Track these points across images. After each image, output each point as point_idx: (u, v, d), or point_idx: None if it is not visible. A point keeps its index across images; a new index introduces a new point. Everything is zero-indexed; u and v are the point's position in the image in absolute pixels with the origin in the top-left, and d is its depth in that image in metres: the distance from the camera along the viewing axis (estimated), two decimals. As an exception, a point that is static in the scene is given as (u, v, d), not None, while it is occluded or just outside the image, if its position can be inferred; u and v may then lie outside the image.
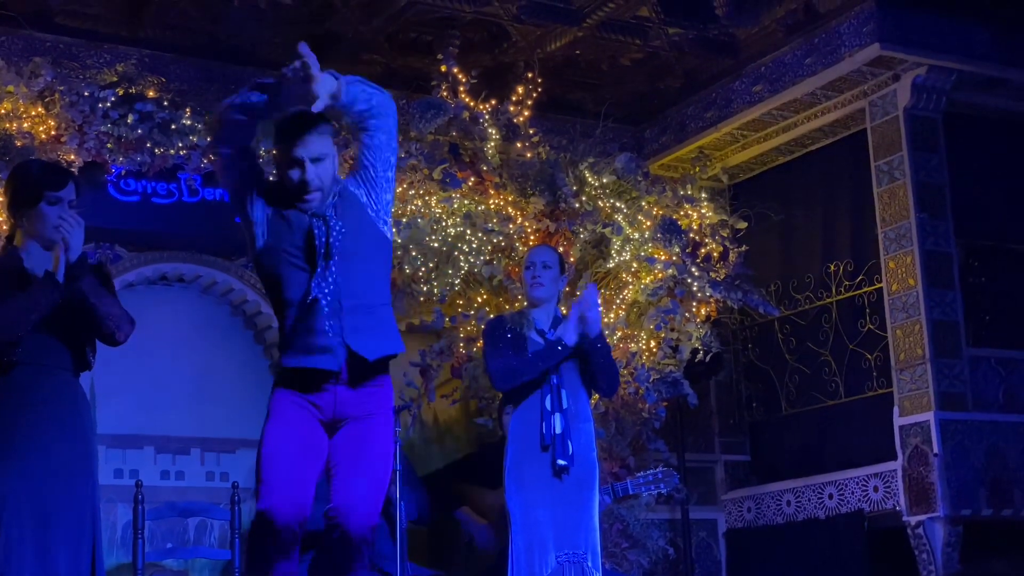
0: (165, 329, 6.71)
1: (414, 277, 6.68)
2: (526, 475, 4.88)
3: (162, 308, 6.74)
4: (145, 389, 6.51)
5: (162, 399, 6.41)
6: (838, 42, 6.75)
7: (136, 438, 6.59)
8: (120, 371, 6.54)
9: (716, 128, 7.48)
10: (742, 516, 7.59)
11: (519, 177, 6.90)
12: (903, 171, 6.78)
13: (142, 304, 6.71)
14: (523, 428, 4.94)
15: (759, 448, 7.80)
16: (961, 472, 6.44)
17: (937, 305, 6.67)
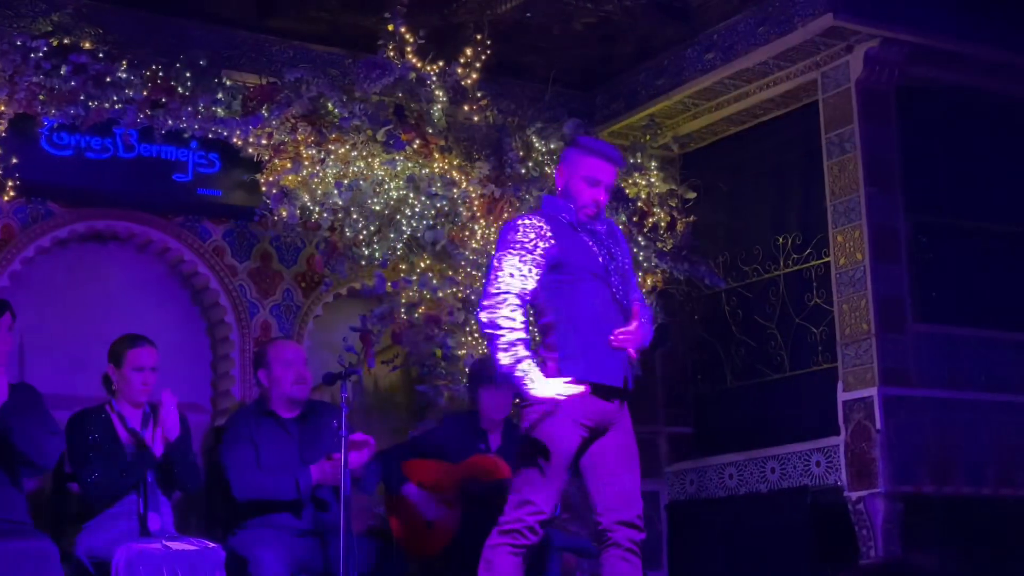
0: (98, 288, 6.56)
1: (355, 241, 6.57)
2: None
3: (95, 266, 6.59)
4: (77, 348, 6.36)
5: (95, 358, 6.25)
6: (791, 11, 6.66)
7: (67, 398, 6.43)
8: (51, 330, 6.40)
9: (667, 96, 7.38)
10: (684, 489, 7.55)
11: (465, 141, 6.79)
12: (854, 144, 6.71)
13: (75, 262, 6.57)
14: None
15: (703, 420, 7.76)
16: (903, 448, 6.41)
17: (883, 280, 6.62)
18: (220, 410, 6.65)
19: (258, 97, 6.44)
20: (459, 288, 6.66)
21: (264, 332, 6.76)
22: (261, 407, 5.61)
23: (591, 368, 4.35)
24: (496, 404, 5.92)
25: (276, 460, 5.41)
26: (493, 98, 7.00)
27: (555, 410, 4.27)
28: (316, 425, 5.54)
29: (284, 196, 6.44)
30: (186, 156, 6.51)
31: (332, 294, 7.02)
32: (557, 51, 7.29)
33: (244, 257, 6.85)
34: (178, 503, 5.60)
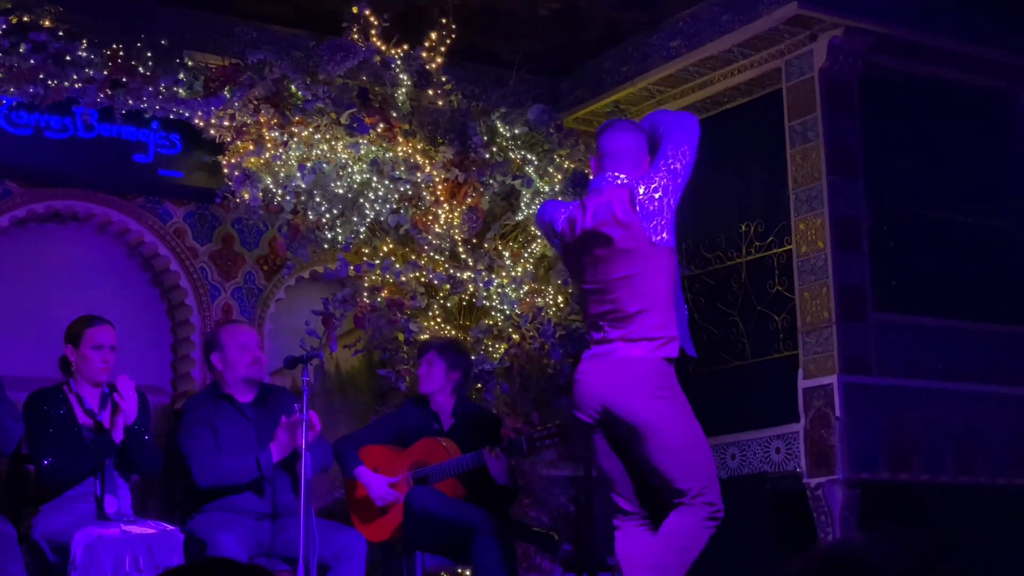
0: (57, 268, 6.51)
1: (318, 224, 6.55)
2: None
3: (54, 246, 6.54)
4: (36, 329, 6.31)
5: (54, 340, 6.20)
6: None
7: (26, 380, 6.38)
8: (10, 310, 6.35)
9: (632, 83, 7.38)
10: (645, 475, 7.56)
11: (429, 125, 6.78)
12: (816, 132, 6.73)
13: (33, 242, 6.52)
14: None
15: (664, 407, 7.76)
16: (862, 436, 6.44)
17: (845, 269, 6.65)
18: (180, 393, 6.62)
19: (221, 78, 6.40)
20: (422, 272, 6.65)
21: (226, 315, 6.73)
22: (216, 391, 5.56)
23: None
24: (420, 375, 5.94)
25: (235, 443, 5.38)
26: (458, 82, 7.00)
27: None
28: (274, 409, 5.51)
29: (246, 178, 6.41)
30: (147, 137, 6.46)
31: (294, 277, 6.99)
32: (522, 36, 7.28)
33: (205, 239, 6.81)
34: (136, 486, 5.56)
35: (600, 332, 4.41)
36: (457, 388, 6.02)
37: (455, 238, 6.69)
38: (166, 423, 6.33)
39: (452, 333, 6.68)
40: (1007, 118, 7.51)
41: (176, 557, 4.96)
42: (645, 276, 4.34)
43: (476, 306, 6.78)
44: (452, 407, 6.00)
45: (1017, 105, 7.50)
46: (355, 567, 5.19)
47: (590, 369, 4.41)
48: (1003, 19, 7.11)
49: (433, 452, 5.78)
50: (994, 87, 7.42)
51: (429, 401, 6.00)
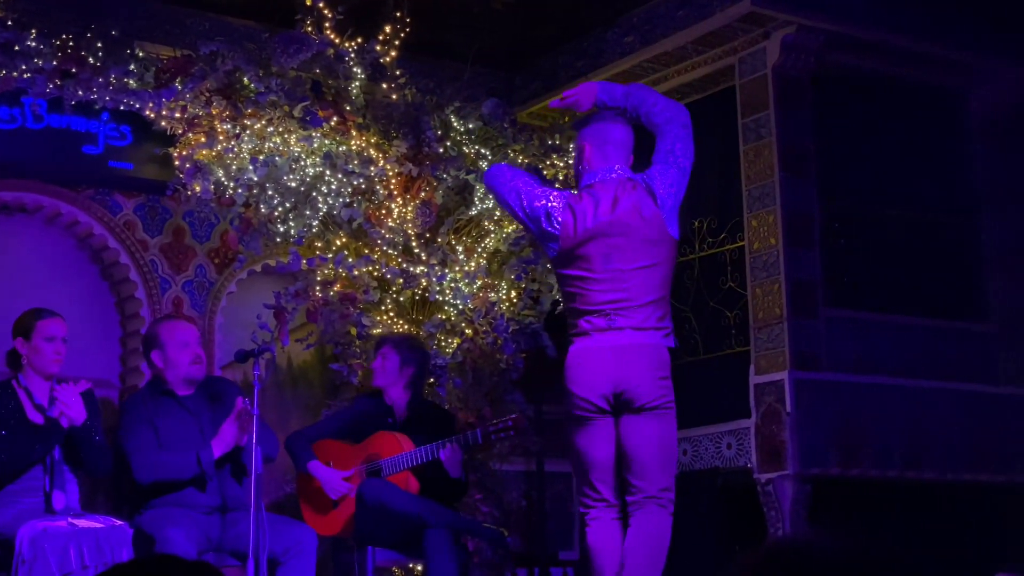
0: (4, 261, 6.43)
1: (271, 217, 6.51)
2: None
3: (2, 238, 6.46)
4: (-18, 322, 6.22)
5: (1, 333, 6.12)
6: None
7: (-28, 374, 6.31)
8: (-44, 303, 6.27)
9: (587, 78, 7.34)
10: (597, 470, 7.57)
11: (383, 119, 6.75)
12: (769, 129, 6.77)
13: (-20, 234, 6.44)
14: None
15: (617, 402, 7.78)
16: (812, 431, 6.49)
17: (796, 265, 6.69)
18: (129, 386, 6.56)
19: (172, 69, 6.34)
20: (375, 266, 6.62)
21: (176, 308, 6.68)
22: (158, 388, 5.49)
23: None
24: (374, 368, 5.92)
25: (177, 439, 5.33)
26: (412, 76, 6.97)
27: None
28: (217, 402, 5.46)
29: (198, 171, 6.36)
30: (97, 128, 6.40)
31: (246, 270, 6.95)
32: (477, 30, 7.26)
33: (156, 232, 6.76)
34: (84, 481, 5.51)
35: (605, 319, 4.45)
36: (411, 383, 6.00)
37: (408, 232, 6.67)
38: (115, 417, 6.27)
39: (405, 327, 6.66)
40: (958, 115, 7.59)
41: (124, 552, 4.91)
42: (659, 268, 4.48)
43: (429, 301, 6.77)
44: (406, 402, 5.98)
45: (968, 102, 7.58)
46: (305, 562, 5.15)
47: (601, 353, 4.44)
48: (954, 17, 7.18)
49: (387, 446, 5.76)
50: (945, 84, 7.49)
51: (383, 395, 5.98)
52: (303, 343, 6.83)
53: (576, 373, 4.46)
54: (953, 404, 6.99)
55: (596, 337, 4.47)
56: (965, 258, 7.48)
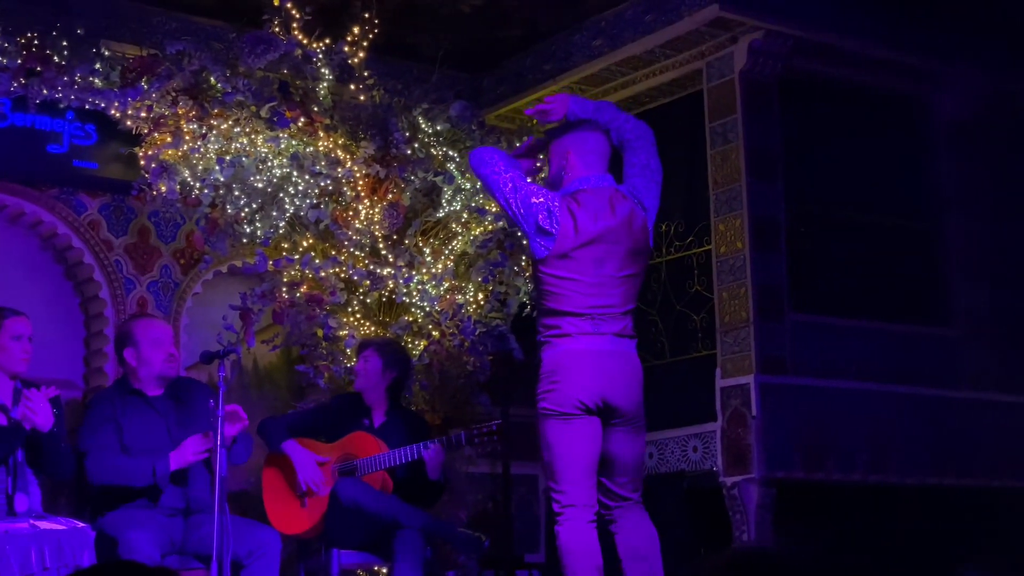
0: (-33, 260, 6.38)
1: (237, 218, 6.48)
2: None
3: (-36, 238, 6.41)
4: (-56, 323, 6.15)
5: (-37, 334, 6.07)
6: (678, 1, 6.70)
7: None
8: (-83, 303, 6.20)
9: (554, 81, 7.38)
10: (563, 473, 7.57)
11: (350, 120, 6.74)
12: (736, 134, 6.79)
13: (-58, 233, 6.38)
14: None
15: (584, 405, 7.78)
16: (777, 435, 6.51)
17: (763, 269, 6.71)
18: (92, 387, 6.51)
19: (138, 69, 6.30)
20: (342, 268, 6.60)
21: (140, 309, 6.64)
22: (126, 386, 5.46)
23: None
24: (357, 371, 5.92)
25: (144, 441, 5.29)
26: (380, 78, 6.96)
27: None
28: (187, 403, 5.43)
29: (163, 171, 6.32)
30: (61, 127, 6.35)
31: (212, 271, 6.92)
32: (445, 32, 7.25)
33: (121, 232, 6.71)
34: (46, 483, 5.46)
35: (591, 323, 4.53)
36: (392, 387, 6.01)
37: (375, 234, 6.65)
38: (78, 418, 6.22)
39: (372, 329, 6.64)
40: (922, 121, 7.63)
41: (86, 555, 4.87)
42: (640, 278, 4.68)
43: (396, 302, 6.76)
44: (385, 407, 5.98)
45: (932, 109, 7.63)
46: (269, 565, 5.13)
47: (592, 356, 4.53)
48: (919, 24, 7.23)
49: (363, 446, 5.75)
50: (911, 91, 7.53)
51: (363, 397, 5.97)
52: (269, 344, 6.80)
53: (568, 373, 4.51)
54: (916, 408, 7.03)
55: (582, 340, 4.53)
56: (929, 263, 7.53)
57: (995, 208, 7.70)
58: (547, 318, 4.61)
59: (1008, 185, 7.77)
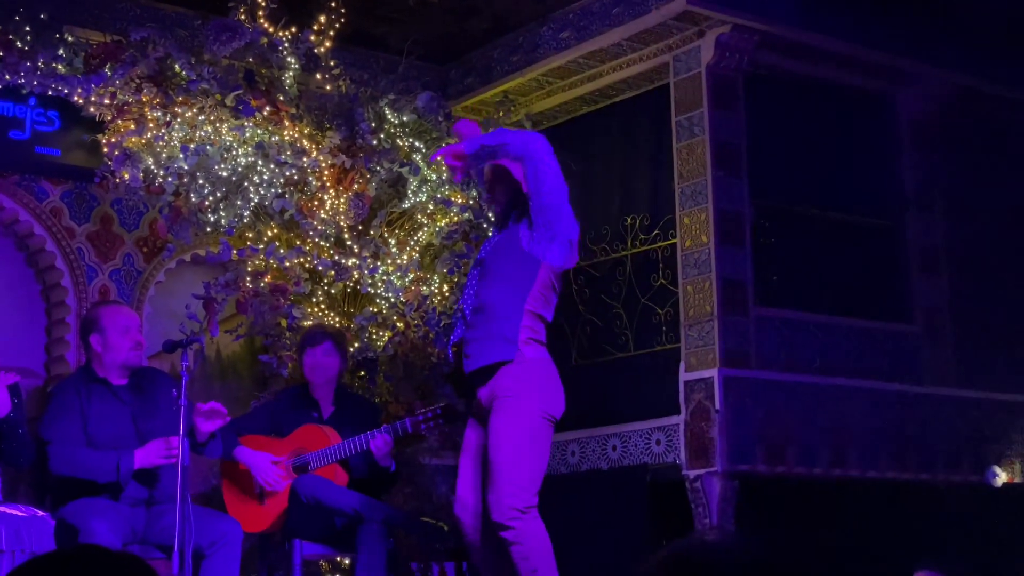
0: (-74, 247, 6.31)
1: (201, 206, 6.44)
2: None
3: (-76, 225, 6.34)
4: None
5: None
6: (647, -7, 6.73)
7: None
8: None
9: (521, 73, 7.38)
10: (527, 465, 7.57)
11: (316, 109, 6.71)
12: (702, 128, 6.81)
13: (-99, 219, 6.30)
14: None
15: (547, 398, 7.78)
16: (740, 429, 6.53)
17: (727, 263, 6.73)
18: (54, 375, 6.46)
19: (102, 55, 6.25)
20: (306, 258, 6.58)
21: (103, 297, 6.59)
22: (90, 374, 5.41)
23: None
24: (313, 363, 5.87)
25: (108, 431, 5.24)
26: (346, 67, 6.93)
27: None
28: (151, 393, 5.39)
29: (127, 158, 6.28)
30: (24, 113, 6.29)
31: (175, 260, 6.87)
32: (412, 23, 7.23)
33: (83, 219, 6.66)
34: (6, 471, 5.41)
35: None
36: (340, 376, 6.02)
37: (341, 224, 6.63)
38: (38, 407, 6.17)
39: (336, 320, 6.62)
40: (886, 118, 7.68)
41: (46, 543, 4.83)
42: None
43: (361, 293, 6.74)
44: (333, 395, 5.96)
45: (895, 106, 7.68)
46: (230, 555, 5.11)
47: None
48: (885, 22, 7.27)
49: (313, 439, 5.73)
50: (875, 88, 7.58)
51: (308, 389, 5.95)
52: (232, 334, 6.77)
53: (558, 382, 4.72)
54: (878, 403, 7.08)
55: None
56: (891, 259, 7.58)
57: (955, 206, 7.76)
58: (533, 321, 4.70)
59: (969, 183, 7.84)
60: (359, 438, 5.60)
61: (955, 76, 7.62)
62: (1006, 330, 7.86)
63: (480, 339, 4.65)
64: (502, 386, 4.59)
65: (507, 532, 4.47)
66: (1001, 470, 7.42)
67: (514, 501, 4.48)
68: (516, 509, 4.48)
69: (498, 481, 4.49)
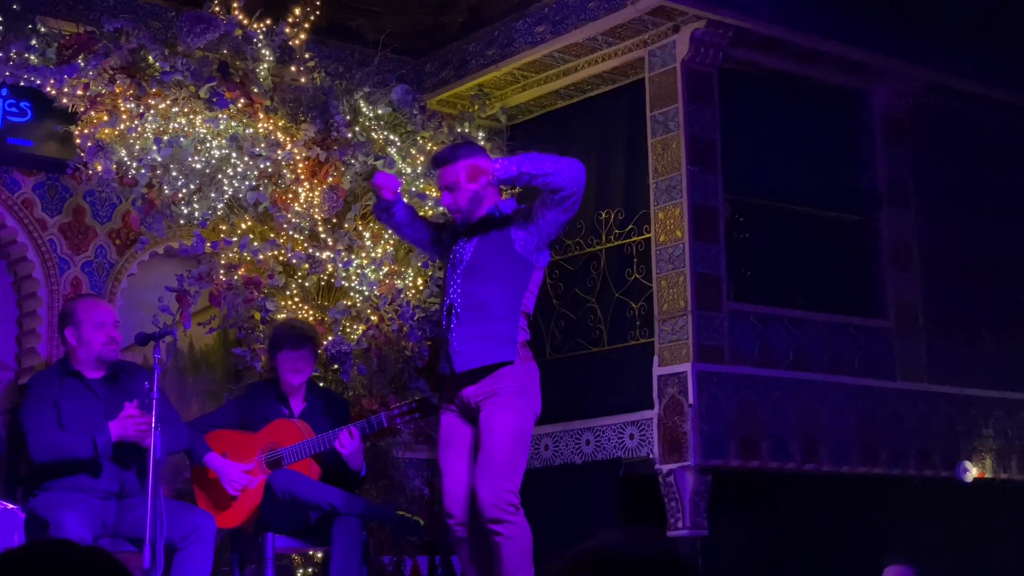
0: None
1: (174, 198, 6.41)
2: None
3: None
4: None
5: None
6: (622, -12, 6.73)
7: None
8: None
9: (497, 67, 7.38)
10: (500, 459, 7.57)
11: (291, 102, 6.69)
12: (677, 123, 6.82)
13: None
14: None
15: (521, 392, 7.78)
16: (713, 423, 6.56)
17: (702, 258, 6.75)
18: (25, 368, 6.42)
19: (75, 46, 6.21)
20: (280, 251, 6.56)
21: (75, 289, 6.55)
22: (65, 367, 5.40)
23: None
24: (293, 367, 5.84)
25: (80, 421, 5.23)
26: (321, 60, 6.91)
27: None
28: (125, 386, 5.37)
29: (100, 149, 6.24)
30: (-5, 103, 6.25)
31: (148, 252, 6.84)
32: (388, 16, 7.22)
33: (55, 211, 6.62)
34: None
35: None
36: None
37: (315, 217, 6.61)
38: (10, 398, 6.14)
39: (310, 313, 6.60)
40: (859, 114, 7.72)
41: (17, 536, 4.81)
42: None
43: (335, 286, 6.72)
44: (304, 391, 5.95)
45: (869, 101, 7.71)
46: (203, 548, 5.09)
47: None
48: (858, 18, 7.30)
49: (285, 434, 5.71)
50: (848, 84, 7.61)
51: (280, 384, 5.93)
52: (206, 327, 6.74)
53: (537, 384, 4.79)
54: (850, 398, 7.12)
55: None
56: (864, 254, 7.61)
57: (928, 201, 7.80)
58: (526, 322, 4.79)
59: (941, 178, 7.89)
60: (328, 435, 5.59)
61: (927, 72, 7.66)
62: (978, 325, 7.91)
63: (477, 338, 4.67)
64: (504, 385, 4.65)
65: (502, 527, 4.52)
66: (972, 465, 7.47)
67: (512, 497, 4.55)
68: (513, 505, 4.55)
69: (498, 477, 4.54)
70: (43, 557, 1.86)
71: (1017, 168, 8.23)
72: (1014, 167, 8.22)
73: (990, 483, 7.62)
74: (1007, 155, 8.22)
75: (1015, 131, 8.21)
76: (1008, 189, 8.20)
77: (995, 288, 8.05)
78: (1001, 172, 8.18)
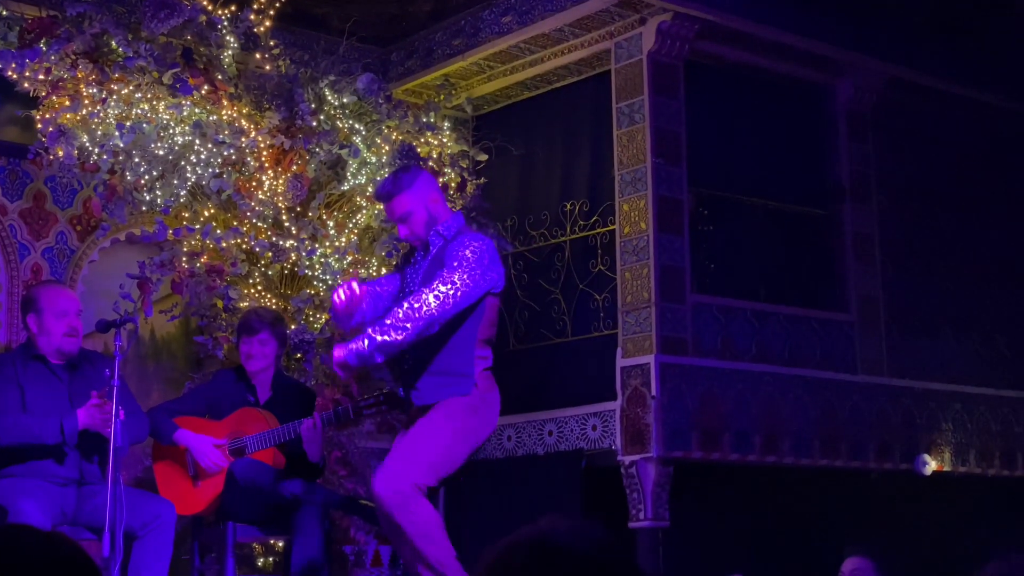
0: None
1: (136, 185, 6.36)
2: None
3: None
4: None
5: None
6: (588, -21, 6.73)
7: None
8: None
9: (463, 57, 7.37)
10: (463, 449, 7.57)
11: (255, 89, 6.65)
12: (643, 115, 6.83)
13: None
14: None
15: (484, 382, 7.78)
16: (676, 415, 6.58)
17: (666, 250, 6.77)
18: (-15, 353, 6.36)
19: (36, 30, 6.15)
20: (244, 239, 6.52)
21: (35, 275, 6.49)
22: (29, 351, 5.35)
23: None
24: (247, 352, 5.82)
25: (44, 403, 5.18)
26: (286, 48, 6.88)
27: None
28: (88, 373, 5.32)
29: (61, 135, 6.18)
30: (-44, 87, 6.18)
31: (109, 239, 6.79)
32: (353, 4, 7.19)
33: (15, 196, 6.55)
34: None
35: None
36: (277, 360, 5.96)
37: (279, 206, 6.58)
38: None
39: (273, 301, 6.58)
40: (824, 108, 7.75)
41: (-25, 524, 4.76)
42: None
43: (298, 275, 6.69)
44: (271, 379, 5.92)
45: (833, 95, 7.74)
46: (163, 537, 5.06)
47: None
48: (822, 13, 7.33)
49: (251, 422, 5.68)
50: (813, 78, 7.64)
51: (245, 373, 5.90)
52: (167, 315, 6.70)
53: (495, 405, 4.73)
54: (812, 391, 7.16)
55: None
56: (827, 248, 7.65)
57: (890, 196, 7.85)
58: (483, 348, 4.72)
59: (903, 172, 7.94)
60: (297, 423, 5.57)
61: (890, 67, 7.71)
62: (939, 320, 7.97)
63: (430, 373, 4.62)
64: (450, 404, 4.62)
65: (390, 509, 4.49)
66: (931, 458, 7.53)
67: (401, 483, 4.48)
68: (400, 492, 4.48)
69: (396, 460, 4.55)
70: (4, 542, 1.84)
71: (978, 163, 8.31)
72: (975, 162, 8.29)
73: (949, 476, 7.69)
74: (968, 150, 8.29)
75: (976, 126, 8.28)
76: (969, 184, 8.27)
77: (956, 283, 8.12)
78: (963, 167, 8.25)
